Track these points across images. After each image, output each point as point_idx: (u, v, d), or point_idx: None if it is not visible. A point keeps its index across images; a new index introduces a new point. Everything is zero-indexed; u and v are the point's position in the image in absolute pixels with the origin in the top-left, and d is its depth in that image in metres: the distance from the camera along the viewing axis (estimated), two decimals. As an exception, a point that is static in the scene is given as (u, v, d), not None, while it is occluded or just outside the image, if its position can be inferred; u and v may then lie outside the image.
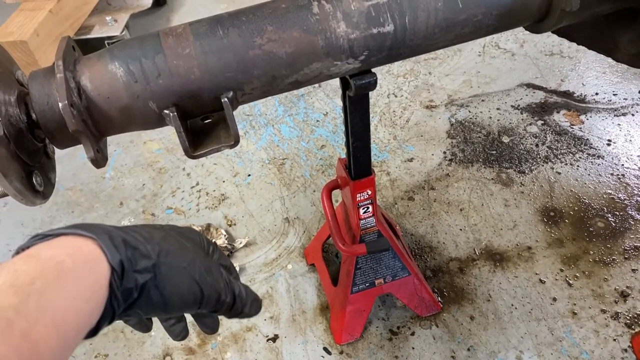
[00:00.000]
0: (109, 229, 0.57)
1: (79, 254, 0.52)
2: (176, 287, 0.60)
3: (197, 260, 0.64)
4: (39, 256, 0.50)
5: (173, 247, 0.62)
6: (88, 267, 0.52)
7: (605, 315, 1.53)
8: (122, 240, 0.56)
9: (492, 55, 2.59)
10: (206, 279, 0.63)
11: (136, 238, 0.58)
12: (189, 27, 0.85)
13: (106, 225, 0.58)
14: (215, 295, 0.65)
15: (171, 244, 0.62)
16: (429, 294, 1.55)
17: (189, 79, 0.82)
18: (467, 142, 2.13)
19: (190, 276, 0.61)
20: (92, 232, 0.55)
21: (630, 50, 1.14)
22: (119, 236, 0.56)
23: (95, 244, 0.54)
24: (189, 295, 0.61)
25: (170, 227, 0.68)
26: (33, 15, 2.42)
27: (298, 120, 2.40)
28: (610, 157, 1.98)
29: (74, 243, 0.54)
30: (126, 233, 0.58)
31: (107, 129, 0.85)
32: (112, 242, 0.55)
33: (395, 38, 0.89)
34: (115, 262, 0.54)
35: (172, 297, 0.59)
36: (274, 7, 0.87)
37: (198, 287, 0.62)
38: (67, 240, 0.54)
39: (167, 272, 0.59)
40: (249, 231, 1.92)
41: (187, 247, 0.65)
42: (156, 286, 0.58)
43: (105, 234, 0.55)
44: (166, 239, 0.62)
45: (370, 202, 1.32)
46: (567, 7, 0.92)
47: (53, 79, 0.78)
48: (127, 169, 2.28)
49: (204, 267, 0.64)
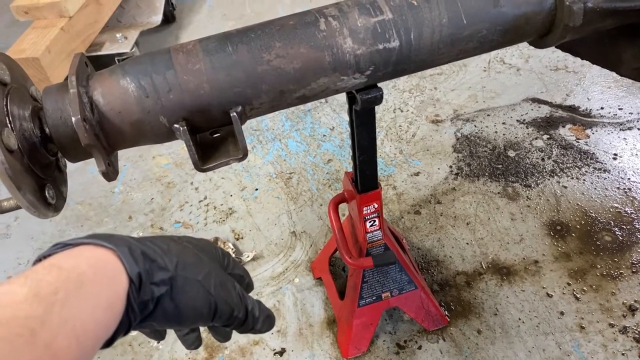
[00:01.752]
0: (128, 241, 0.58)
1: (99, 265, 0.53)
2: (191, 299, 0.60)
3: (212, 273, 0.64)
4: (61, 266, 0.50)
5: (190, 260, 0.63)
6: (107, 279, 0.53)
7: (614, 329, 1.52)
8: (141, 252, 0.57)
9: (497, 70, 2.61)
10: (220, 292, 0.64)
11: (154, 250, 0.59)
12: (199, 43, 0.87)
13: (125, 237, 0.59)
14: (229, 309, 0.65)
15: (188, 256, 0.63)
16: (435, 308, 1.54)
17: (199, 94, 0.84)
18: (473, 156, 2.14)
19: (205, 289, 0.62)
20: (112, 243, 0.55)
21: (634, 65, 1.15)
22: (137, 248, 0.57)
23: (114, 255, 0.55)
24: (203, 309, 0.62)
25: (188, 239, 0.69)
26: (45, 33, 2.47)
27: (305, 134, 2.42)
28: (617, 171, 1.98)
29: (95, 253, 0.54)
30: (144, 245, 0.59)
31: (119, 143, 0.87)
32: (131, 254, 0.55)
33: (401, 53, 0.91)
34: (133, 274, 0.54)
35: (186, 309, 0.60)
36: (282, 23, 0.89)
37: (212, 300, 0.62)
38: (87, 250, 0.55)
39: (183, 284, 0.60)
40: (256, 245, 1.93)
41: (203, 260, 0.65)
42: (172, 298, 0.58)
43: (125, 245, 0.56)
44: (183, 252, 0.63)
45: (377, 216, 1.33)
46: (570, 23, 0.94)
47: (66, 94, 0.80)
48: (136, 184, 2.30)
49: (219, 281, 0.65)
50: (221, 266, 0.71)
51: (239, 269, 0.76)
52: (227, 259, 0.73)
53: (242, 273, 0.77)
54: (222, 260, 0.72)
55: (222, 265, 0.72)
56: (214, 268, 0.67)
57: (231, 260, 0.74)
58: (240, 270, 0.77)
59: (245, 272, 0.78)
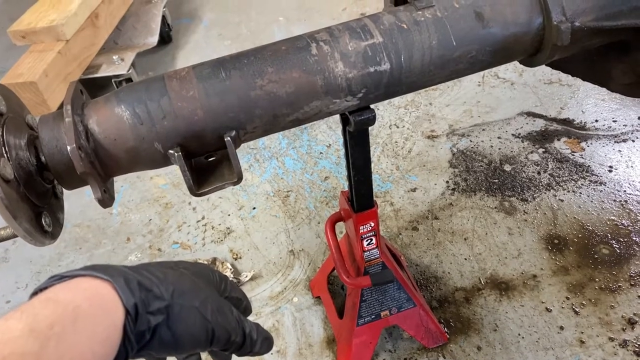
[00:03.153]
0: (124, 271, 0.58)
1: (95, 297, 0.54)
2: (188, 326, 0.61)
3: (209, 299, 0.65)
4: (57, 299, 0.51)
5: (186, 287, 0.63)
6: (103, 311, 0.53)
7: (614, 343, 1.52)
8: (137, 282, 0.58)
9: (491, 84, 2.63)
10: (217, 318, 0.64)
11: (151, 279, 0.60)
12: (192, 70, 0.88)
13: (121, 267, 0.60)
14: (226, 335, 0.66)
15: (184, 283, 0.64)
16: (435, 325, 1.54)
17: (193, 120, 0.85)
18: (470, 171, 2.15)
19: (202, 316, 0.62)
20: (108, 274, 0.56)
21: (623, 81, 1.17)
22: (134, 278, 0.58)
23: (110, 286, 0.56)
24: (201, 335, 0.62)
25: (184, 265, 0.69)
26: (42, 57, 2.49)
27: (302, 152, 2.43)
28: (612, 183, 1.99)
29: (91, 285, 0.55)
30: (140, 274, 0.60)
31: (114, 170, 0.88)
32: (127, 284, 0.56)
33: (392, 76, 0.92)
34: (129, 305, 0.55)
35: (183, 336, 0.60)
36: (274, 49, 0.90)
37: (210, 326, 0.63)
38: (83, 282, 0.55)
39: (180, 312, 0.60)
40: (254, 264, 1.93)
41: (199, 286, 0.66)
42: (168, 327, 0.59)
43: (120, 276, 0.57)
44: (180, 279, 0.64)
45: (374, 234, 1.33)
46: (558, 42, 0.95)
47: (62, 122, 0.81)
48: (134, 205, 2.30)
49: (215, 306, 0.65)
50: (218, 290, 0.72)
51: (237, 292, 0.76)
52: (224, 283, 0.74)
53: (239, 296, 0.77)
54: (219, 285, 0.73)
55: (219, 290, 0.72)
56: (211, 294, 0.67)
57: (229, 283, 0.75)
58: (238, 293, 0.77)
59: (243, 295, 0.78)
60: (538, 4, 0.95)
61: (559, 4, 0.94)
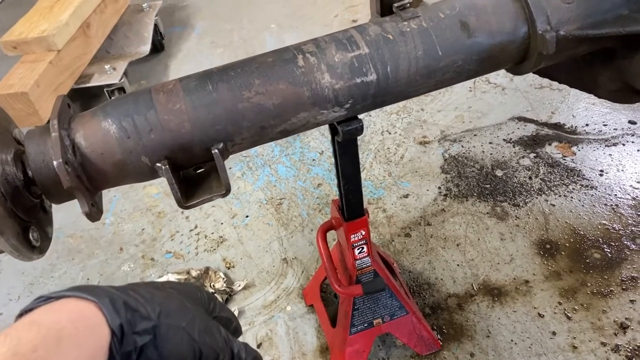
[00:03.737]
0: (110, 292, 0.58)
1: (80, 318, 0.53)
2: (175, 346, 0.60)
3: (196, 319, 0.65)
4: (41, 322, 0.51)
5: (173, 307, 0.63)
6: (89, 332, 0.53)
7: (606, 348, 1.52)
8: (123, 302, 0.57)
9: (482, 90, 2.64)
10: (205, 338, 0.64)
11: (137, 299, 0.59)
12: (179, 83, 0.88)
13: (108, 287, 0.59)
14: (214, 355, 0.65)
15: (171, 303, 0.63)
16: (428, 332, 1.54)
17: (180, 132, 0.85)
18: (461, 177, 2.16)
19: (189, 336, 0.62)
20: (94, 295, 0.56)
21: (610, 87, 1.17)
22: (119, 298, 0.57)
23: (96, 307, 0.55)
24: (188, 355, 0.62)
25: (171, 285, 0.69)
26: (34, 67, 2.49)
27: (294, 159, 2.44)
28: (603, 187, 2.00)
29: (76, 306, 0.55)
30: (127, 294, 0.59)
31: (102, 184, 0.88)
32: (112, 305, 0.56)
33: (379, 86, 0.92)
34: (115, 326, 0.55)
35: (170, 357, 0.60)
36: (261, 61, 0.91)
37: (197, 346, 0.63)
38: (68, 303, 0.55)
39: (167, 332, 0.60)
40: (247, 273, 1.93)
41: (186, 306, 0.65)
42: (155, 347, 0.59)
43: (106, 296, 0.56)
44: (167, 299, 0.63)
45: (365, 242, 1.33)
46: (544, 51, 0.96)
47: (48, 137, 0.81)
48: (127, 214, 2.30)
49: (203, 326, 0.65)
50: (206, 310, 0.71)
51: (226, 312, 0.76)
52: (212, 303, 0.73)
53: (229, 316, 0.76)
54: (208, 305, 0.72)
55: (207, 309, 0.72)
56: (199, 313, 0.67)
57: (217, 303, 0.74)
58: (227, 313, 0.76)
59: (233, 315, 0.78)
60: (523, 13, 0.96)
61: (544, 13, 0.95)
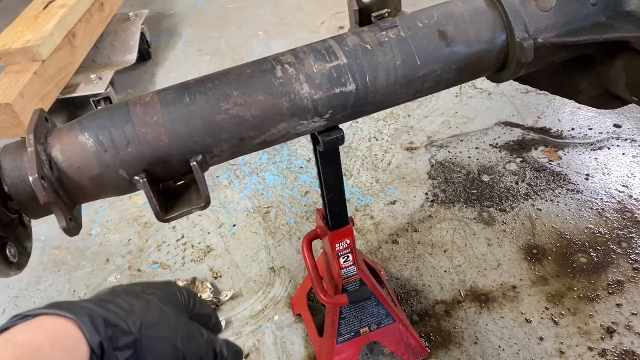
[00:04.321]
0: (89, 308, 0.57)
1: (58, 337, 0.53)
2: (158, 357, 0.60)
3: (178, 327, 0.64)
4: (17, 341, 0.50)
5: (154, 318, 0.62)
6: (67, 351, 0.52)
7: (593, 352, 1.52)
8: (103, 319, 0.56)
9: (469, 95, 2.65)
10: (188, 345, 0.64)
11: (117, 314, 0.58)
12: (157, 95, 0.88)
13: (87, 303, 0.58)
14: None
15: (153, 314, 0.62)
16: (415, 340, 1.54)
17: (158, 146, 0.84)
18: (448, 183, 2.16)
19: (172, 346, 0.62)
20: (72, 313, 0.55)
21: (591, 93, 1.18)
22: (99, 315, 0.56)
23: (75, 325, 0.54)
24: None
25: (152, 291, 0.68)
26: (18, 78, 2.47)
27: (282, 167, 2.43)
28: (590, 191, 2.01)
29: (54, 325, 0.54)
30: (106, 309, 0.58)
31: (80, 198, 0.87)
32: (92, 323, 0.55)
33: (358, 96, 0.92)
34: (95, 344, 0.54)
35: None
36: (239, 72, 0.90)
37: (181, 355, 0.62)
38: (46, 321, 0.54)
39: (149, 345, 0.59)
40: (235, 283, 1.91)
41: (168, 314, 0.65)
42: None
43: (85, 314, 0.55)
44: (147, 309, 0.62)
45: (350, 251, 1.33)
46: (522, 59, 0.96)
47: (25, 152, 0.80)
48: (113, 225, 2.28)
49: (186, 333, 0.64)
50: (187, 310, 0.71)
51: (206, 309, 0.76)
52: (192, 301, 0.73)
53: (208, 313, 0.76)
54: (188, 304, 0.72)
55: (188, 309, 0.71)
56: (180, 320, 0.66)
57: (197, 301, 0.74)
58: (207, 310, 0.76)
59: (213, 312, 0.78)
60: (501, 21, 0.97)
61: (522, 21, 0.96)
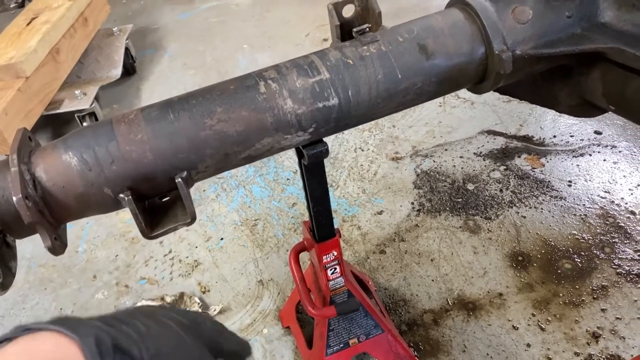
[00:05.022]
0: (98, 327, 0.50)
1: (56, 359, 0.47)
2: None
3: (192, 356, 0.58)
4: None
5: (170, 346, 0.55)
6: None
7: (579, 358, 1.54)
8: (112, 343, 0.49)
9: (452, 105, 2.68)
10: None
11: (130, 336, 0.51)
12: (140, 112, 0.88)
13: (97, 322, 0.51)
14: None
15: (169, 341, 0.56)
16: (404, 350, 1.54)
17: (142, 163, 0.84)
18: (434, 192, 2.18)
19: None
20: (77, 333, 0.48)
21: (569, 102, 1.20)
22: (108, 337, 0.49)
23: (77, 347, 0.47)
24: None
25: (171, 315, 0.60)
26: (2, 95, 2.45)
27: (269, 179, 2.44)
28: (572, 197, 2.04)
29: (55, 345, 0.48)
30: (119, 330, 0.51)
31: (64, 217, 0.87)
32: (97, 346, 0.48)
33: (341, 110, 0.93)
34: None
35: None
36: (223, 88, 0.91)
37: None
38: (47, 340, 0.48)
39: None
40: (223, 297, 1.91)
41: (186, 344, 0.57)
42: None
43: (91, 335, 0.48)
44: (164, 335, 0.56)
45: (337, 263, 1.34)
46: (501, 70, 0.98)
47: (8, 172, 0.80)
48: (100, 241, 2.27)
49: None
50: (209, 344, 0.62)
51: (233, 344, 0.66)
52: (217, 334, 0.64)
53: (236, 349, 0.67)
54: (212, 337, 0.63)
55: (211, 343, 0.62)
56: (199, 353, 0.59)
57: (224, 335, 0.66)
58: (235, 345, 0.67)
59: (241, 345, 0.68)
60: (479, 34, 0.98)
61: (500, 34, 0.98)
